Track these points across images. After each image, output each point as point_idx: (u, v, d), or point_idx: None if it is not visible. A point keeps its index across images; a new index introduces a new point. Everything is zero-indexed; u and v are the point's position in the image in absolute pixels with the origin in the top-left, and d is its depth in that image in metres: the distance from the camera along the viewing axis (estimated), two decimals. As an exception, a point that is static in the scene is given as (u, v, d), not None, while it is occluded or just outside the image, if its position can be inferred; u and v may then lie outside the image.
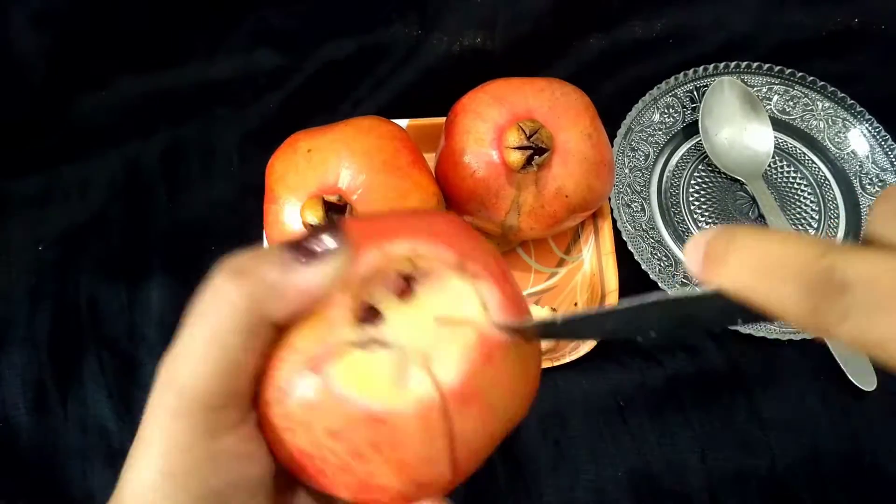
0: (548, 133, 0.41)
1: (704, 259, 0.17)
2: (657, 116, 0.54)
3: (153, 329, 0.47)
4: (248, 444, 0.21)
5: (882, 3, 0.59)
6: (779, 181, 0.53)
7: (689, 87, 0.55)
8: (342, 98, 0.57)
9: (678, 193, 0.53)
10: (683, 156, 0.54)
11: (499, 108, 0.42)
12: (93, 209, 0.52)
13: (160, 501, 0.19)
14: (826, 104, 0.55)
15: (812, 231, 0.51)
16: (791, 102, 0.55)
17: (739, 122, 0.54)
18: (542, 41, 0.58)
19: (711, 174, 0.54)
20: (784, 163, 0.54)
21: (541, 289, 0.49)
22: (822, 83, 0.54)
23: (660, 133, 0.54)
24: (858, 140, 0.53)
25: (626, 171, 0.52)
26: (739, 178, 0.53)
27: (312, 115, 0.54)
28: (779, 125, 0.55)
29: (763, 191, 0.52)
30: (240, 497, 0.20)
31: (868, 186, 0.52)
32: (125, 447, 0.22)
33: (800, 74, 0.55)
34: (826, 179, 0.53)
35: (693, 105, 0.55)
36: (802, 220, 0.52)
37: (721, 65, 0.55)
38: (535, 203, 0.43)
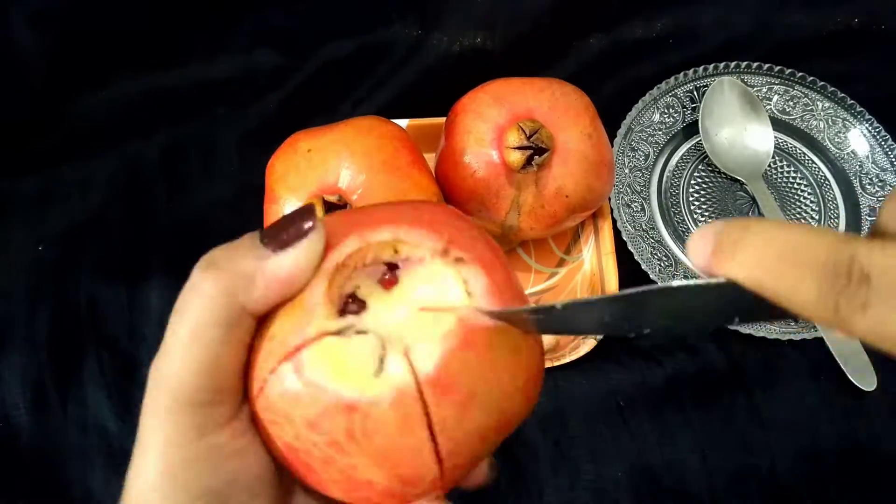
0: (548, 133, 0.41)
1: (714, 250, 0.16)
2: (657, 116, 0.54)
3: (153, 329, 0.47)
4: (242, 440, 0.20)
5: (882, 3, 0.59)
6: (779, 181, 0.53)
7: (689, 87, 0.55)
8: (342, 98, 0.57)
9: (678, 193, 0.53)
10: (683, 156, 0.54)
11: (499, 108, 0.42)
12: (93, 209, 0.52)
13: (160, 501, 0.19)
14: (826, 104, 0.55)
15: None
16: (791, 102, 0.55)
17: (739, 122, 0.54)
18: (542, 41, 0.58)
19: (711, 174, 0.54)
20: (784, 163, 0.54)
21: (541, 289, 0.49)
22: (822, 83, 0.54)
23: (660, 133, 0.54)
24: (858, 140, 0.53)
25: (626, 171, 0.52)
26: (739, 178, 0.53)
27: (312, 115, 0.54)
28: (779, 125, 0.55)
29: (763, 191, 0.52)
30: (241, 497, 0.20)
31: (868, 186, 0.52)
32: (125, 447, 0.22)
33: (800, 74, 0.55)
34: (826, 179, 0.53)
35: (693, 105, 0.55)
36: (802, 220, 0.52)
37: (721, 65, 0.55)
38: (535, 203, 0.43)
